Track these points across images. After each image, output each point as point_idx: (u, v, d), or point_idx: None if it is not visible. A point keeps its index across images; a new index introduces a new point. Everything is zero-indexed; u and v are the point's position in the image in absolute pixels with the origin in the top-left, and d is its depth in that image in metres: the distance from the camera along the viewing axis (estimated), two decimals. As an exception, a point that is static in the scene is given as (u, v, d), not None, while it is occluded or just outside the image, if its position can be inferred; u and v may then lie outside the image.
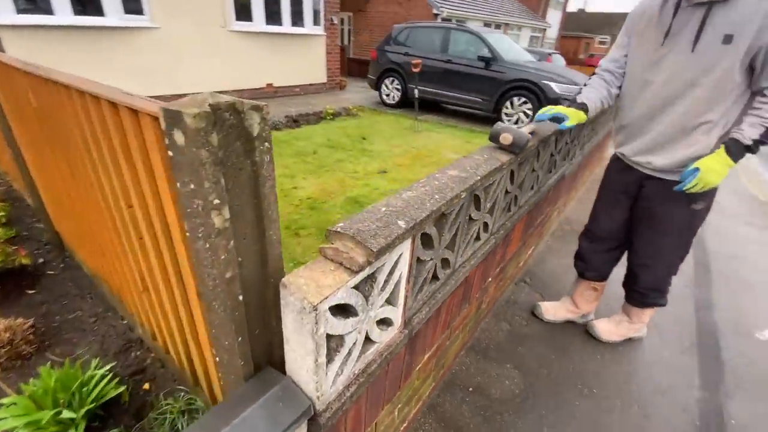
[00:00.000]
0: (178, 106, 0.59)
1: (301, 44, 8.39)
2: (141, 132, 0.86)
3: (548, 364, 1.91)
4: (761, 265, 2.96)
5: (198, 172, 0.61)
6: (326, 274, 0.74)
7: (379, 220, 0.83)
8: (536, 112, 6.26)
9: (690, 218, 1.63)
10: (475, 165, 1.20)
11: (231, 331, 0.79)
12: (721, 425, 1.64)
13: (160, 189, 0.90)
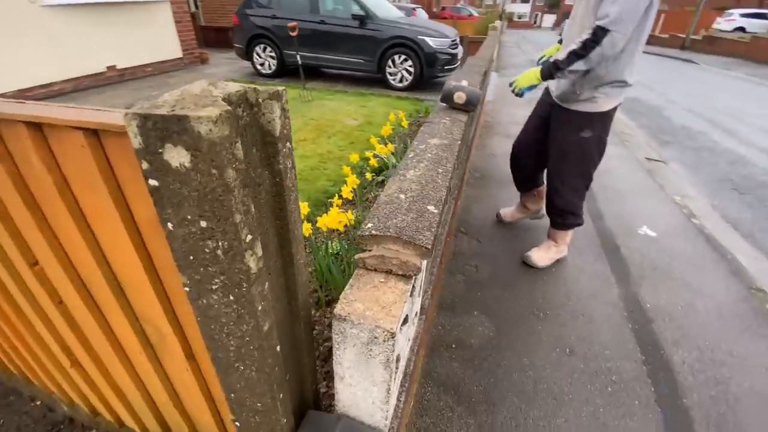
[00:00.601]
0: (164, 108, 0.38)
1: (143, 14, 6.94)
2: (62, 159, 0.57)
3: (505, 301, 2.08)
4: (624, 175, 3.67)
5: (221, 202, 0.41)
6: (381, 289, 0.62)
7: (410, 210, 0.72)
8: (416, 69, 6.46)
9: (581, 145, 1.91)
10: (448, 129, 1.14)
11: (266, 391, 0.62)
12: (642, 311, 2.03)
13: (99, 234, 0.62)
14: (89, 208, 0.59)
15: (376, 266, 0.65)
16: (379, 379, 0.62)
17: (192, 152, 0.38)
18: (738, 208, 3.36)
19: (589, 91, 1.78)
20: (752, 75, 10.46)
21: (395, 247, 0.65)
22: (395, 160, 3.38)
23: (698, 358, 1.79)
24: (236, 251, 0.45)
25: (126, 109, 0.39)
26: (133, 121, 0.39)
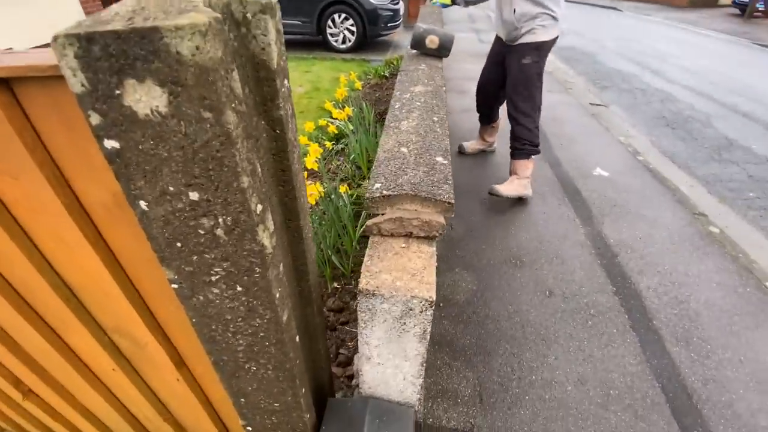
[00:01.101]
0: (116, 23, 0.25)
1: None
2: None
3: (483, 255, 2.11)
4: (572, 120, 3.80)
5: (219, 161, 0.30)
6: (405, 255, 0.54)
7: (418, 164, 0.63)
8: (358, 28, 6.13)
9: (523, 70, 2.21)
10: (429, 76, 1.05)
11: (286, 389, 0.53)
12: (607, 246, 2.15)
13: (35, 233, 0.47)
14: (16, 198, 0.43)
15: (393, 231, 0.56)
16: (412, 353, 0.55)
17: (169, 88, 0.26)
18: (672, 142, 3.64)
19: (528, 24, 2.11)
20: (669, 19, 11.18)
21: (413, 207, 0.56)
22: (353, 126, 3.22)
23: (660, 282, 1.94)
24: (244, 227, 0.34)
25: (56, 33, 0.25)
26: (69, 49, 0.25)
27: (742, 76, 5.64)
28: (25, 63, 0.32)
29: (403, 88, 0.96)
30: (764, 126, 3.99)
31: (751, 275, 2.01)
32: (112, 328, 0.59)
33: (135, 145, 0.30)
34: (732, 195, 2.86)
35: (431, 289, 0.49)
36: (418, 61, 1.20)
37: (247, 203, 0.32)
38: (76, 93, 0.27)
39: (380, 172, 0.62)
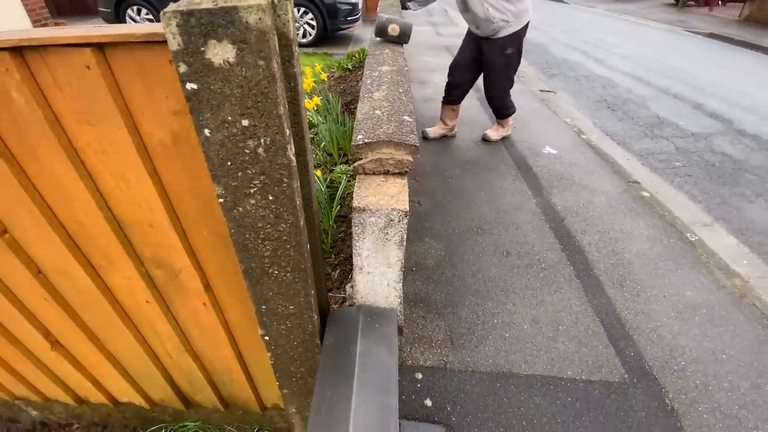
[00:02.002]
0: (206, 3, 0.41)
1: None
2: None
3: (449, 225, 2.33)
4: (524, 106, 4.11)
5: (265, 95, 0.46)
6: (384, 186, 0.71)
7: (390, 121, 0.81)
8: (318, 22, 6.16)
9: (506, 59, 2.70)
10: (393, 59, 1.23)
11: (300, 290, 0.70)
12: (555, 212, 2.44)
13: (98, 172, 0.60)
14: (87, 143, 0.57)
15: (374, 169, 0.74)
16: (393, 259, 0.73)
17: (239, 45, 0.42)
18: (612, 122, 4.04)
19: (500, 18, 2.49)
20: (611, 10, 12.00)
21: (388, 150, 0.74)
22: (321, 117, 3.35)
23: (600, 239, 2.24)
24: (279, 145, 0.50)
25: (165, 10, 0.41)
26: (173, 20, 0.41)
27: (674, 62, 6.24)
28: (120, 32, 0.47)
29: (372, 68, 1.13)
30: (691, 105, 4.49)
31: (674, 229, 2.36)
32: (151, 258, 0.73)
33: (208, 86, 0.45)
34: (662, 165, 3.26)
35: (405, 204, 0.67)
36: (383, 47, 1.38)
37: (282, 126, 0.49)
38: (173, 50, 0.43)
39: (361, 128, 0.79)
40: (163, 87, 0.51)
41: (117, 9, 6.35)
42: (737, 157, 3.35)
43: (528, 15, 2.58)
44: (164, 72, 0.49)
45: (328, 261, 2.02)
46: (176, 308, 0.83)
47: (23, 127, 0.56)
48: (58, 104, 0.53)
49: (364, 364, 0.71)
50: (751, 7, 9.53)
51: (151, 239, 0.69)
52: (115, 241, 0.69)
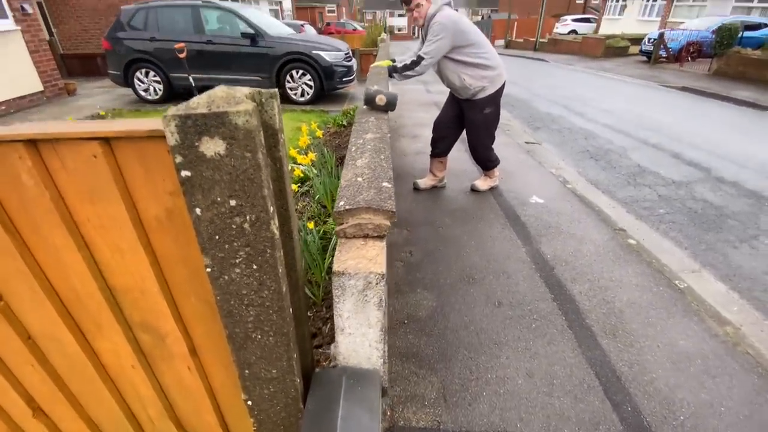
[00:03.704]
0: (201, 109, 0.48)
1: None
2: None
3: (440, 275, 2.35)
4: (511, 157, 4.31)
5: (251, 180, 0.52)
6: (363, 249, 0.76)
7: (370, 188, 0.88)
8: (315, 83, 6.58)
9: (486, 118, 2.96)
10: (377, 126, 1.33)
11: (283, 354, 0.72)
12: (545, 261, 2.48)
13: (96, 244, 0.65)
14: (88, 218, 0.62)
15: (354, 234, 0.79)
16: (374, 320, 0.76)
17: (228, 141, 0.49)
18: (595, 172, 4.22)
19: (477, 85, 2.76)
20: (588, 68, 12.92)
21: (367, 215, 0.80)
22: (316, 171, 3.49)
23: (590, 287, 2.26)
24: (263, 221, 0.56)
25: (165, 114, 0.48)
26: (173, 122, 0.48)
27: (651, 114, 6.63)
28: (126, 128, 0.54)
29: (357, 135, 1.23)
30: (670, 155, 4.72)
31: (663, 276, 2.39)
32: (139, 323, 0.75)
33: (200, 173, 0.52)
34: (646, 212, 3.36)
35: (382, 267, 0.71)
36: (368, 115, 1.50)
37: (266, 205, 0.54)
38: (170, 145, 0.49)
39: (343, 194, 0.86)
40: (160, 171, 0.57)
41: (126, 72, 6.78)
42: (718, 203, 3.47)
43: (502, 78, 2.84)
44: (162, 159, 0.56)
45: (320, 314, 2.01)
46: (161, 373, 0.84)
47: (29, 204, 0.61)
48: (63, 185, 0.59)
49: (345, 429, 0.71)
50: (719, 63, 10.31)
51: (141, 305, 0.72)
52: (105, 308, 0.72)
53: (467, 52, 2.70)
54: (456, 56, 2.71)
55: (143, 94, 6.97)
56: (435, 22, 2.61)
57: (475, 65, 2.73)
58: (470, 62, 2.72)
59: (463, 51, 2.70)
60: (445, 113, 3.18)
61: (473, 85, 2.76)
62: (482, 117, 2.92)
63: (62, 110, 6.49)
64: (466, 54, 2.70)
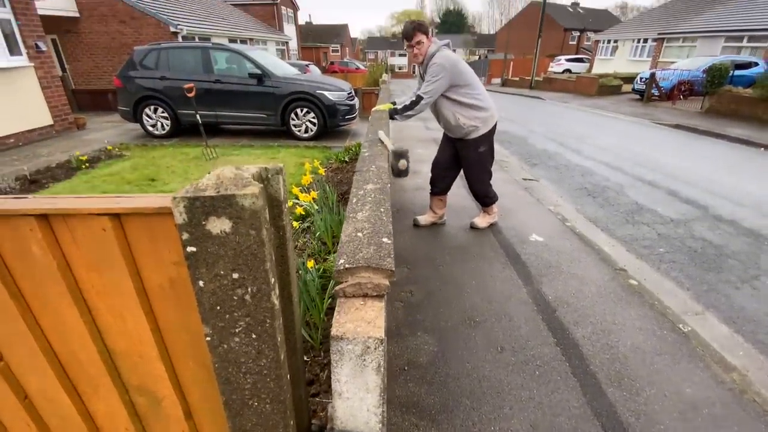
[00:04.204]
0: (209, 191, 0.50)
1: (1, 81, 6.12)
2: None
3: (441, 317, 2.32)
4: (509, 194, 4.37)
5: (254, 255, 0.54)
6: (363, 310, 0.77)
7: (370, 244, 0.89)
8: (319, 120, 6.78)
9: (480, 156, 3.04)
10: (377, 176, 1.37)
11: (279, 421, 0.71)
12: (546, 303, 2.46)
13: (98, 310, 0.66)
14: (92, 285, 0.63)
15: (354, 293, 0.80)
16: (372, 385, 0.75)
17: (234, 220, 0.51)
18: (593, 209, 4.26)
19: (470, 125, 2.88)
20: (583, 105, 13.34)
21: (367, 274, 0.81)
22: (317, 207, 3.53)
23: (593, 331, 2.23)
24: (264, 293, 0.57)
25: (174, 195, 0.50)
26: (181, 203, 0.50)
27: (645, 151, 6.77)
28: (135, 205, 0.56)
29: (358, 186, 1.26)
30: (666, 192, 4.78)
31: (666, 319, 2.36)
32: (136, 386, 0.75)
33: (205, 249, 0.53)
34: (646, 251, 3.36)
35: (381, 331, 0.71)
36: (369, 164, 1.55)
37: (267, 277, 0.56)
38: (178, 223, 0.52)
39: (344, 251, 0.87)
40: (166, 242, 0.59)
41: (135, 108, 7.02)
42: (718, 242, 3.48)
43: (494, 119, 2.97)
44: (169, 232, 0.58)
45: (317, 359, 1.97)
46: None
47: (36, 271, 0.63)
48: (71, 255, 0.61)
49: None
50: (711, 101, 10.65)
51: (139, 369, 0.72)
52: (103, 371, 0.71)
53: (463, 93, 2.83)
54: (452, 95, 2.83)
55: (151, 129, 7.17)
56: (434, 63, 2.73)
57: (469, 106, 2.85)
58: (465, 102, 2.85)
59: (460, 91, 2.83)
60: (441, 154, 3.27)
61: (467, 124, 2.88)
62: (477, 155, 3.02)
63: (70, 144, 6.65)
64: (462, 94, 2.83)
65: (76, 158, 5.39)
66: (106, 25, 11.31)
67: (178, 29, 11.47)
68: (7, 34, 6.26)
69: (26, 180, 4.68)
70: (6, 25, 6.24)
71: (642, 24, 23.68)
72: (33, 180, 4.72)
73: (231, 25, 16.51)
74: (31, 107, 6.75)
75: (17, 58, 6.45)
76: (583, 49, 34.43)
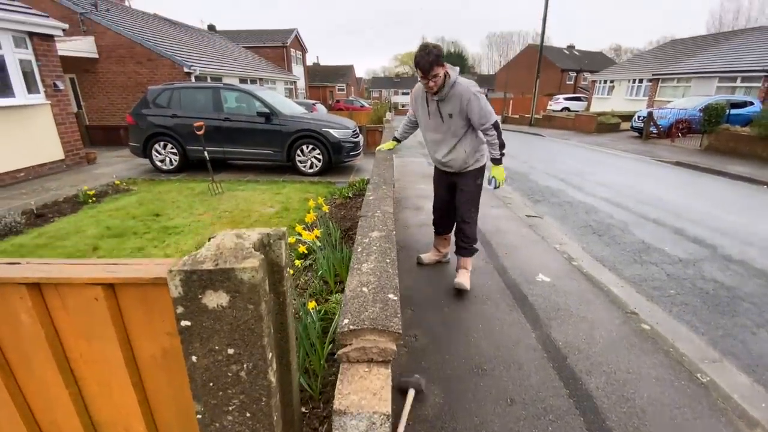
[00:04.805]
0: (207, 264, 0.48)
1: (14, 119, 6.34)
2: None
3: (447, 365, 2.22)
4: (514, 231, 4.33)
5: (251, 330, 0.51)
6: (367, 378, 0.72)
7: (375, 301, 0.86)
8: (324, 157, 6.89)
9: (477, 188, 2.95)
10: (383, 222, 1.35)
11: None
12: (556, 349, 2.35)
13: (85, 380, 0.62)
14: (81, 354, 0.59)
15: (358, 358, 0.75)
16: (377, 462, 0.69)
17: (232, 294, 0.48)
18: (600, 248, 4.20)
19: (475, 156, 2.84)
20: (583, 142, 13.57)
21: (372, 337, 0.77)
22: (320, 244, 3.50)
23: (607, 381, 2.11)
24: (260, 369, 0.53)
25: (170, 268, 0.48)
26: (177, 276, 0.48)
27: (648, 188, 6.79)
28: (131, 275, 0.54)
29: (363, 232, 1.24)
30: (672, 230, 4.73)
31: (682, 368, 2.24)
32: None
33: (200, 323, 0.50)
34: (657, 293, 3.27)
35: (387, 405, 0.66)
36: (374, 208, 1.53)
37: (265, 354, 0.52)
38: (173, 297, 0.49)
39: (348, 309, 0.83)
40: (160, 312, 0.56)
41: (145, 144, 7.20)
42: (729, 284, 3.39)
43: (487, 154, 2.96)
44: (164, 302, 0.55)
45: (316, 411, 1.86)
46: None
47: (23, 340, 0.59)
48: (61, 323, 0.58)
49: None
50: (710, 139, 10.82)
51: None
52: (85, 446, 0.66)
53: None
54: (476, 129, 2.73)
55: (159, 165, 7.31)
56: (472, 94, 2.55)
57: (480, 140, 2.82)
58: (479, 137, 2.78)
59: None
60: (439, 198, 3.18)
61: (472, 156, 2.82)
62: (475, 187, 2.93)
63: (79, 178, 6.76)
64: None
65: (83, 193, 5.46)
66: (124, 66, 11.87)
67: (192, 70, 12.00)
68: (26, 72, 6.54)
69: (32, 214, 4.71)
70: (27, 65, 6.55)
71: (636, 65, 24.61)
72: (39, 214, 4.76)
73: (242, 65, 17.28)
74: (44, 142, 6.94)
75: (35, 96, 6.71)
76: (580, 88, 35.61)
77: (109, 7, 13.14)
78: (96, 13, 11.79)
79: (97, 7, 12.15)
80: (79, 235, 4.17)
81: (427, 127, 2.87)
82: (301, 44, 28.83)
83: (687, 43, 23.41)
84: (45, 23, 6.72)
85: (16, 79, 6.30)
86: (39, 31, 6.63)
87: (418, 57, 2.43)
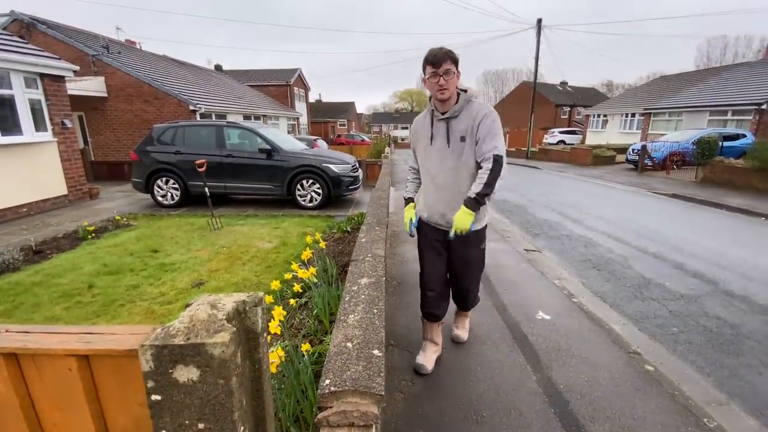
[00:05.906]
0: (179, 338, 0.48)
1: (20, 156, 6.50)
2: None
3: (445, 412, 2.14)
4: (513, 267, 4.31)
5: (222, 404, 0.50)
6: (348, 443, 0.70)
7: (359, 359, 0.85)
8: (324, 190, 6.97)
9: (481, 253, 2.45)
10: (373, 267, 1.35)
11: None
12: (558, 393, 2.28)
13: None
14: (54, 423, 0.58)
15: (339, 422, 0.73)
16: None
17: (203, 369, 0.48)
18: (600, 283, 4.16)
19: (482, 211, 2.24)
20: (580, 175, 13.76)
21: (353, 399, 0.75)
22: (316, 280, 3.47)
23: (611, 428, 2.03)
24: (232, 444, 0.52)
25: (142, 342, 0.48)
26: (149, 351, 0.48)
27: (646, 221, 6.80)
28: (105, 347, 0.54)
29: (352, 279, 1.24)
30: (672, 265, 4.69)
31: (689, 413, 2.16)
32: None
33: (170, 398, 0.50)
34: (659, 331, 3.20)
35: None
36: (366, 252, 1.54)
37: (236, 428, 0.51)
38: (144, 371, 0.49)
39: (330, 367, 0.82)
40: (133, 384, 0.56)
41: (148, 180, 7.32)
42: (733, 321, 3.32)
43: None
44: (137, 373, 0.55)
45: (308, 464, 1.78)
46: None
47: None
48: (36, 393, 0.57)
49: None
50: (705, 171, 10.98)
51: None
52: None
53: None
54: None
55: (160, 200, 7.40)
56: (489, 112, 2.10)
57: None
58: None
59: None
60: (435, 271, 2.38)
61: (483, 209, 2.25)
62: (480, 253, 2.41)
63: (80, 213, 6.82)
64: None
65: (83, 228, 5.49)
66: (131, 104, 12.29)
67: (197, 107, 12.41)
68: (35, 110, 6.77)
69: (31, 250, 4.72)
70: (36, 104, 6.78)
71: (628, 100, 25.41)
72: (37, 251, 4.76)
73: (246, 103, 17.88)
74: (48, 178, 7.06)
75: (42, 133, 6.91)
76: (574, 122, 36.58)
77: (120, 49, 13.80)
78: (107, 55, 12.37)
79: (109, 50, 12.76)
80: (75, 272, 4.16)
81: (428, 158, 2.25)
82: (304, 83, 29.98)
83: (676, 79, 24.29)
84: (56, 65, 7.04)
85: (24, 118, 6.51)
86: (50, 72, 6.93)
87: (430, 51, 2.04)
